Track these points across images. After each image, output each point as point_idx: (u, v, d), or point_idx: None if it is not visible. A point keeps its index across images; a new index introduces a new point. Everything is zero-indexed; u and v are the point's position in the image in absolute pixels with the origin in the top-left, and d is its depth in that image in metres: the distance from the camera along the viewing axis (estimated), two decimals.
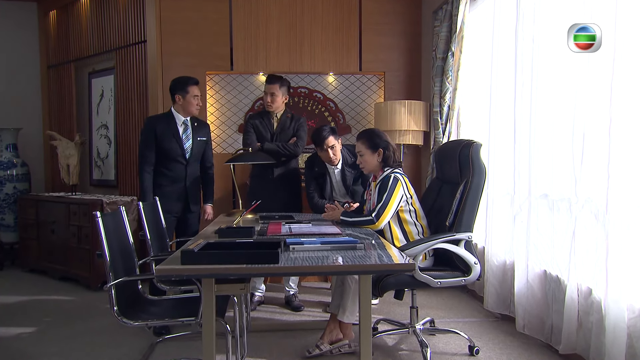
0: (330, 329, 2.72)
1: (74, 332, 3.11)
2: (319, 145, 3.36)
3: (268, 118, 3.57)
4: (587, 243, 2.42)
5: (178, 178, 3.32)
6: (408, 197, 2.72)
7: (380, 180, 2.76)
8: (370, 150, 2.83)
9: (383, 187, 2.69)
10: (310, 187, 3.51)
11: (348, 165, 3.43)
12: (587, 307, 2.41)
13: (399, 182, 2.69)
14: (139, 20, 4.54)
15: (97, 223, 2.03)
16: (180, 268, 1.66)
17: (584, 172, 2.42)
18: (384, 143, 2.81)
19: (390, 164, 2.81)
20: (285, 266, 1.71)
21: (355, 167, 3.31)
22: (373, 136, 2.85)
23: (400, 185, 2.68)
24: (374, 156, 2.83)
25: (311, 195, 3.49)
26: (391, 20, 4.50)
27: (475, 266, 2.58)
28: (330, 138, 3.33)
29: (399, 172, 2.75)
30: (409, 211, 2.73)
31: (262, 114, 3.62)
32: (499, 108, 3.26)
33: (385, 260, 1.84)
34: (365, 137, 2.87)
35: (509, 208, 3.15)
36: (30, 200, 4.87)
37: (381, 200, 2.66)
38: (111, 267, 2.04)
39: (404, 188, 2.70)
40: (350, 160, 3.42)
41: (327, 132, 3.33)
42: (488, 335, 2.99)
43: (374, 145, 2.82)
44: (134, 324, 2.04)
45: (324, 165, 3.46)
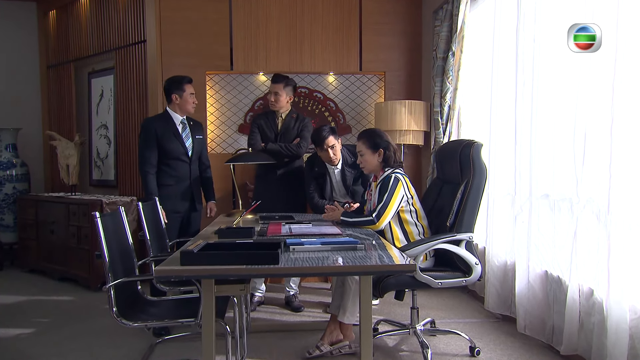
0: (330, 329, 2.71)
1: (73, 333, 3.10)
2: (319, 145, 3.35)
3: (273, 118, 3.57)
4: (588, 243, 2.40)
5: (183, 177, 3.32)
6: (409, 197, 2.71)
7: (380, 180, 2.75)
8: (371, 150, 2.82)
9: (384, 187, 2.68)
10: (310, 188, 3.50)
11: (348, 165, 3.43)
12: (588, 308, 2.39)
13: (400, 183, 2.67)
14: (139, 20, 4.53)
15: (96, 224, 2.02)
16: (180, 269, 1.65)
17: (585, 172, 2.41)
18: (384, 143, 2.80)
19: (391, 164, 2.80)
20: (285, 267, 1.70)
21: (356, 167, 3.30)
22: (374, 136, 2.84)
23: (400, 186, 2.67)
24: (374, 156, 2.82)
25: (311, 195, 3.49)
26: (391, 20, 4.49)
27: (476, 267, 2.57)
28: (330, 138, 3.32)
29: (399, 172, 2.74)
30: (410, 211, 2.72)
31: (267, 114, 3.62)
32: (500, 108, 3.25)
33: (385, 261, 1.83)
34: (366, 136, 2.86)
35: (510, 208, 3.14)
36: (29, 201, 4.86)
37: (382, 201, 2.64)
38: (110, 267, 2.03)
39: (405, 188, 2.69)
40: (350, 160, 3.42)
41: (327, 132, 3.32)
42: (489, 336, 2.98)
43: (375, 145, 2.81)
44: (133, 325, 2.04)
45: (324, 165, 3.45)
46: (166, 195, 3.20)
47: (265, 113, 3.68)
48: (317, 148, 3.40)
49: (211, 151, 4.42)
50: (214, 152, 4.44)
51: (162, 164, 3.28)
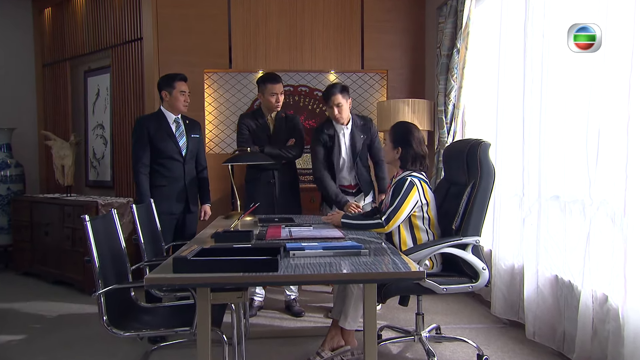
0: (331, 335, 2.62)
1: (66, 339, 3.00)
2: (326, 101, 3.27)
3: (262, 119, 3.45)
4: (602, 247, 2.30)
5: (177, 177, 3.22)
6: (424, 203, 2.58)
7: (395, 182, 2.64)
8: (392, 143, 2.70)
9: (397, 190, 2.57)
10: (317, 159, 3.32)
11: (358, 127, 3.35)
12: (602, 314, 2.29)
13: (415, 188, 2.55)
14: (135, 17, 4.43)
15: (85, 227, 1.91)
16: (172, 277, 1.54)
17: (599, 173, 2.31)
18: (406, 143, 2.65)
19: (408, 166, 2.66)
20: (285, 275, 1.59)
21: (366, 131, 3.33)
22: (400, 131, 2.70)
23: (415, 191, 2.54)
24: (393, 151, 2.69)
25: (317, 167, 3.32)
26: (394, 17, 4.40)
27: (484, 272, 2.46)
28: (338, 96, 3.22)
29: (417, 177, 2.60)
30: (422, 218, 2.60)
31: (255, 115, 3.49)
32: (507, 106, 3.15)
33: (391, 268, 1.72)
34: (394, 129, 2.74)
35: (518, 210, 3.04)
36: (24, 202, 4.76)
37: (393, 204, 2.53)
38: (100, 273, 1.92)
39: (420, 194, 2.56)
40: (359, 122, 3.36)
41: (336, 90, 3.23)
42: (496, 342, 2.88)
43: (396, 140, 2.69)
44: (125, 335, 1.93)
45: (334, 128, 3.33)
46: (159, 196, 3.10)
47: (252, 113, 3.53)
48: (325, 104, 3.35)
49: (209, 151, 4.32)
50: (212, 152, 4.35)
51: (155, 163, 3.18)
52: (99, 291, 1.88)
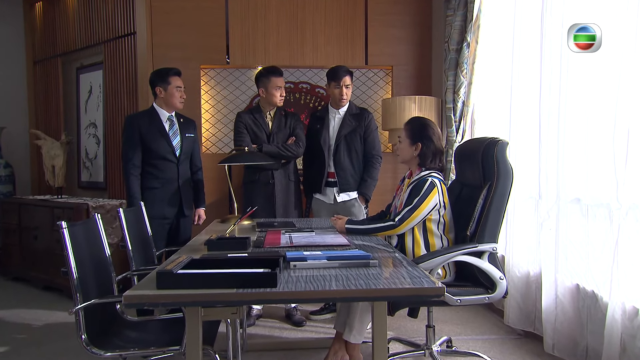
0: (335, 349, 2.43)
1: (50, 352, 2.81)
2: (335, 80, 3.26)
3: (261, 117, 3.26)
4: (632, 256, 2.10)
5: (170, 179, 3.04)
6: (441, 206, 2.39)
7: (414, 180, 2.44)
8: (410, 140, 2.49)
9: (416, 189, 2.37)
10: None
11: (351, 114, 3.32)
12: (633, 330, 2.09)
13: (435, 189, 2.35)
14: (128, 11, 4.22)
15: (62, 234, 1.72)
16: (155, 294, 1.34)
17: (628, 174, 2.11)
18: (426, 139, 2.46)
19: (426, 164, 2.47)
20: (285, 291, 1.39)
21: (359, 119, 3.29)
22: (419, 127, 2.50)
23: (435, 192, 2.35)
24: (410, 148, 2.49)
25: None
26: (399, 11, 4.19)
27: (501, 282, 2.27)
28: (348, 77, 3.27)
29: (437, 177, 2.42)
30: (438, 222, 2.40)
31: (253, 112, 3.30)
32: (521, 103, 2.96)
33: (405, 284, 1.50)
34: (411, 124, 2.54)
35: (534, 213, 2.85)
36: (13, 204, 4.56)
37: (411, 204, 2.33)
38: (79, 286, 1.73)
39: (440, 196, 2.37)
40: (355, 110, 3.36)
41: (346, 72, 3.27)
42: (512, 355, 2.68)
43: (414, 137, 2.48)
44: (106, 355, 1.72)
45: (327, 111, 3.37)
46: (151, 199, 2.91)
47: (250, 111, 3.34)
48: (331, 83, 3.30)
49: (206, 151, 4.13)
50: (209, 152, 4.15)
51: (147, 164, 2.99)
52: (77, 306, 1.68)
